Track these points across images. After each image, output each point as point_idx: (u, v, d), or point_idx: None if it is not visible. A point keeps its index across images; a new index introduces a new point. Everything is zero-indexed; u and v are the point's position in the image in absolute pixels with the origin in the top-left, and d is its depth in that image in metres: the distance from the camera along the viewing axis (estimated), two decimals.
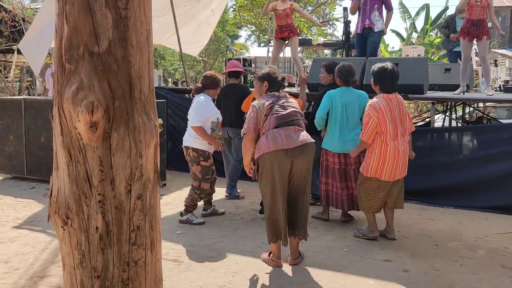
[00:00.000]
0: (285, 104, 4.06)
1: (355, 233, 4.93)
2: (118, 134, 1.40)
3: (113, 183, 1.40)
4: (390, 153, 4.55)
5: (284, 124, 3.94)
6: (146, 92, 1.45)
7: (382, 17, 7.74)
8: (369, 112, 4.52)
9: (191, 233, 4.93)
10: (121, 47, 1.37)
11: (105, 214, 1.41)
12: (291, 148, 3.84)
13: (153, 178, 1.51)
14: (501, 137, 6.17)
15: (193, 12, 11.91)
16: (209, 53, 27.01)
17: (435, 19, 26.94)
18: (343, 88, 5.15)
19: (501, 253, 4.52)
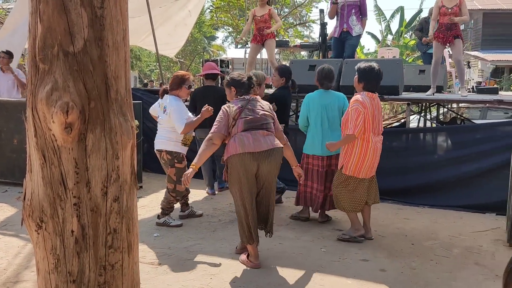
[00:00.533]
0: (255, 108, 4.10)
1: (340, 237, 4.86)
2: (94, 135, 1.37)
3: (88, 185, 1.37)
4: (371, 149, 4.59)
5: (252, 128, 4.00)
6: (122, 93, 1.42)
7: (360, 21, 7.80)
8: (357, 107, 4.48)
9: (168, 236, 4.89)
10: (97, 47, 1.34)
11: (80, 217, 1.37)
12: (258, 151, 3.91)
13: (130, 180, 1.48)
14: (474, 138, 6.29)
15: (169, 13, 11.85)
16: (186, 54, 26.89)
17: (409, 22, 27.33)
18: (321, 90, 5.17)
19: (475, 251, 4.59)
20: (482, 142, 6.18)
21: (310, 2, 21.70)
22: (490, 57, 22.83)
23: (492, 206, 5.92)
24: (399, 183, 6.35)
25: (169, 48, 13.65)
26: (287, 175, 5.35)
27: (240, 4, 18.98)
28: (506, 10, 24.96)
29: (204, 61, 10.46)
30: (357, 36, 7.81)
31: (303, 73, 7.06)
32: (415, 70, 8.72)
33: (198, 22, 24.13)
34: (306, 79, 6.84)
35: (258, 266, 4.10)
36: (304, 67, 7.24)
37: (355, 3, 7.71)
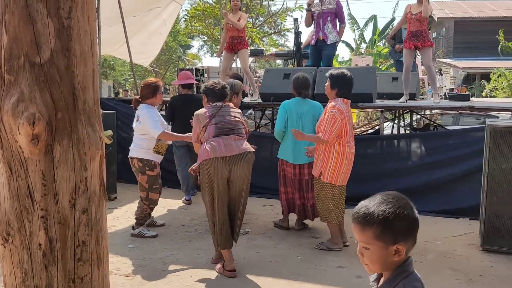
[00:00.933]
0: (226, 114, 4.19)
1: (317, 246, 4.85)
2: (61, 147, 1.34)
3: (56, 197, 1.34)
4: (347, 155, 4.63)
5: (224, 133, 4.10)
6: (90, 103, 1.40)
7: (336, 29, 7.83)
8: (334, 114, 4.50)
9: (143, 247, 4.83)
10: (64, 57, 1.32)
11: (48, 230, 1.34)
12: (229, 156, 3.99)
13: (98, 191, 1.45)
14: (447, 143, 6.39)
15: (143, 22, 11.79)
16: (161, 63, 26.77)
17: (382, 30, 27.75)
18: (298, 98, 5.20)
19: (450, 256, 4.66)
20: (455, 148, 6.28)
21: (284, 11, 21.85)
22: (461, 64, 23.30)
23: (466, 211, 6.01)
24: (374, 189, 6.24)
25: (143, 57, 13.58)
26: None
27: (215, 13, 19.01)
28: (476, 18, 25.53)
29: (179, 70, 10.42)
30: (332, 44, 7.81)
31: (278, 82, 7.10)
32: (388, 77, 8.84)
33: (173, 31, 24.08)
34: (281, 87, 6.89)
35: (234, 273, 4.09)
36: (279, 75, 7.28)
37: (330, 11, 7.72)
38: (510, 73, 15.46)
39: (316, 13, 7.77)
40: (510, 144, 4.66)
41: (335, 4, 7.74)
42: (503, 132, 4.68)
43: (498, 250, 4.72)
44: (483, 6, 26.98)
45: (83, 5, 1.37)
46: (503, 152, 4.68)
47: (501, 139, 4.69)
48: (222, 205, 4.06)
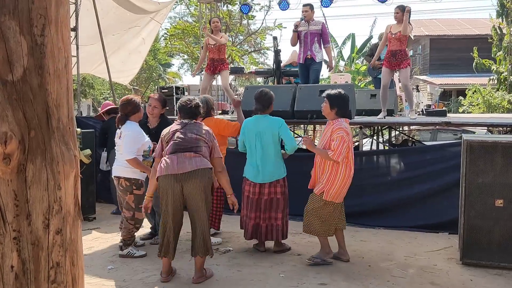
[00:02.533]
0: (189, 131, 4.26)
1: (310, 260, 4.84)
2: (34, 166, 1.32)
3: (29, 218, 1.31)
4: (351, 176, 4.79)
5: (180, 151, 4.16)
6: (64, 121, 1.38)
7: (322, 49, 8.17)
8: (342, 135, 4.59)
9: (123, 268, 4.75)
10: (37, 75, 1.30)
11: (21, 251, 1.31)
12: (181, 173, 4.07)
13: (73, 211, 1.42)
14: (425, 158, 6.45)
15: (123, 41, 11.79)
16: (141, 81, 26.70)
17: (360, 48, 28.15)
18: (258, 116, 5.13)
19: (430, 271, 4.68)
20: (433, 163, 6.34)
21: (264, 29, 22.07)
22: (438, 81, 23.74)
23: (445, 225, 6.06)
24: (355, 205, 6.41)
25: (123, 76, 13.55)
26: None
27: (195, 31, 19.07)
28: (451, 36, 26.12)
29: (159, 88, 10.40)
30: (320, 62, 8.16)
31: None
32: (366, 94, 8.94)
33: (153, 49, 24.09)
34: None
35: (165, 281, 4.32)
36: None
37: (317, 31, 8.08)
38: (484, 90, 15.80)
39: (303, 33, 8.04)
40: (485, 159, 4.73)
41: (321, 25, 8.13)
42: (479, 147, 4.76)
43: (477, 264, 4.76)
44: (457, 24, 27.66)
45: (56, 22, 1.36)
46: (479, 167, 4.75)
47: (477, 153, 4.76)
48: (172, 218, 4.18)
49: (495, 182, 4.70)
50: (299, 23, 8.04)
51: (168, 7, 12.89)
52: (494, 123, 6.78)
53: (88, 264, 4.84)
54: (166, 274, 4.35)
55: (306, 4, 8.24)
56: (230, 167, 4.78)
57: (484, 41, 18.00)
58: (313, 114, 6.72)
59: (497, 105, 14.63)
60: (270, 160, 5.04)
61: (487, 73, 17.61)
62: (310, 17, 8.07)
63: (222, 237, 5.76)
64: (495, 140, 4.78)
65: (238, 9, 17.21)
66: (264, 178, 5.02)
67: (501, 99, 14.69)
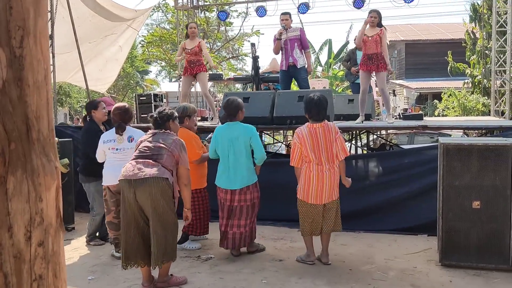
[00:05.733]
0: (154, 140, 4.29)
1: (296, 258, 5.13)
2: (15, 178, 1.30)
3: (10, 230, 1.29)
4: (314, 177, 4.80)
5: (141, 157, 4.19)
6: (45, 133, 1.37)
7: (303, 54, 8.26)
8: (294, 140, 4.85)
9: (103, 278, 4.70)
10: (16, 87, 1.28)
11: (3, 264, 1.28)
12: (133, 179, 4.06)
13: (55, 222, 1.40)
14: (403, 162, 6.53)
15: (99, 48, 11.70)
16: (118, 89, 26.50)
17: (337, 53, 28.41)
18: (230, 123, 5.17)
19: (410, 273, 4.73)
20: (410, 166, 6.42)
21: (241, 36, 22.12)
22: (414, 85, 24.06)
23: (423, 228, 6.11)
24: None
25: (100, 84, 13.44)
26: None
27: (172, 38, 19.03)
28: (426, 41, 26.51)
29: (137, 96, 10.33)
30: (302, 67, 8.24)
31: None
32: (344, 99, 9.02)
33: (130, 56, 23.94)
34: None
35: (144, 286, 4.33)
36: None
37: (296, 37, 8.16)
38: (459, 93, 16.09)
39: (283, 40, 8.07)
40: (462, 161, 4.81)
41: (299, 31, 8.22)
42: (455, 149, 4.84)
43: (456, 265, 4.83)
44: (432, 29, 28.12)
45: (35, 34, 1.35)
46: (456, 169, 4.83)
47: (454, 156, 4.83)
48: (126, 226, 4.15)
49: (472, 184, 4.78)
50: (282, 31, 8.13)
51: (145, 14, 12.85)
52: (470, 126, 6.91)
53: (68, 275, 4.73)
54: (148, 283, 4.32)
55: (285, 12, 8.38)
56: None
57: (458, 45, 18.33)
58: (292, 120, 6.75)
59: (472, 108, 14.92)
60: (242, 167, 5.08)
61: (461, 76, 17.93)
62: (289, 25, 8.17)
63: (203, 244, 5.73)
64: (471, 143, 4.87)
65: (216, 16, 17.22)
66: (236, 184, 5.06)
67: (476, 102, 14.98)
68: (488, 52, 14.07)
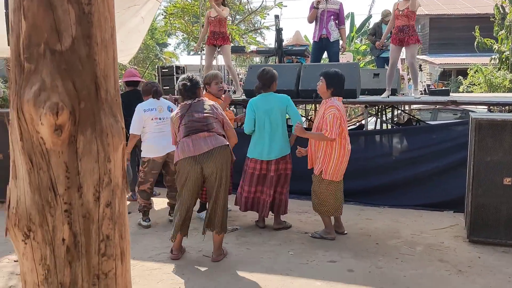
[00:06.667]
0: (194, 112, 4.25)
1: (312, 234, 5.05)
2: (84, 138, 1.29)
3: (80, 190, 1.28)
4: (346, 152, 4.81)
5: (192, 132, 4.17)
6: (112, 93, 1.35)
7: (338, 28, 8.11)
8: (335, 113, 4.66)
9: (132, 247, 4.63)
10: (85, 45, 1.26)
11: (72, 224, 1.28)
12: (198, 154, 4.10)
13: (121, 183, 1.40)
14: (431, 138, 6.45)
15: (122, 20, 11.62)
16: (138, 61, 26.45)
17: (359, 27, 27.90)
18: (264, 94, 5.11)
19: (437, 248, 4.71)
20: (438, 142, 6.34)
21: (263, 9, 21.83)
22: (438, 60, 23.63)
23: (450, 204, 6.08)
24: (360, 184, 6.44)
25: (122, 55, 13.38)
26: None
27: (195, 10, 18.85)
28: (451, 15, 25.92)
29: (160, 68, 10.30)
30: (335, 41, 8.10)
31: None
32: (369, 74, 8.85)
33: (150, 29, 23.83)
34: None
35: (176, 258, 4.38)
36: None
37: (335, 11, 8.02)
38: (486, 69, 15.73)
39: (320, 10, 7.95)
40: (494, 137, 4.73)
41: (339, 5, 8.07)
42: (488, 125, 4.75)
43: (484, 241, 4.79)
44: (457, 3, 27.41)
45: None
46: (488, 145, 4.75)
47: (486, 132, 4.75)
48: (188, 200, 4.23)
49: (503, 161, 4.71)
50: (320, 0, 7.97)
51: None
52: (501, 102, 6.76)
53: None
54: (177, 252, 4.38)
55: None
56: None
57: (485, 20, 17.84)
58: (318, 94, 6.68)
59: (498, 85, 14.59)
60: (278, 137, 5.06)
61: (488, 52, 17.50)
62: None
63: (229, 215, 5.72)
64: (504, 119, 4.77)
65: None
66: (272, 155, 5.04)
67: (503, 78, 14.64)
68: None
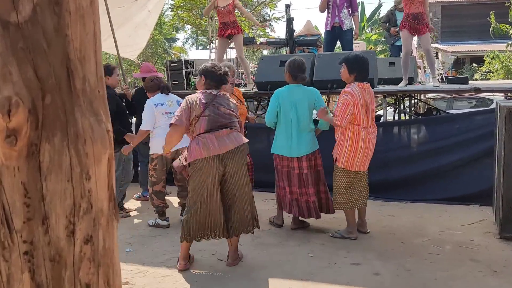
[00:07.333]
0: (220, 105, 3.85)
1: (332, 234, 4.74)
2: (52, 147, 0.86)
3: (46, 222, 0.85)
4: (362, 141, 4.47)
5: (216, 128, 3.79)
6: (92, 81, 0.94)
7: (350, 16, 7.79)
8: (346, 98, 4.40)
9: (142, 250, 4.49)
10: (52, 14, 0.85)
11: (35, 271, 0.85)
12: (224, 153, 3.76)
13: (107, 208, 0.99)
14: (453, 128, 6.13)
15: (129, 14, 11.35)
16: (147, 56, 26.14)
17: (369, 17, 27.52)
18: (291, 85, 4.75)
19: (467, 246, 4.40)
20: (461, 133, 6.03)
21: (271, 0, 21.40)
22: (451, 48, 23.13)
23: (475, 197, 5.81)
24: (379, 178, 6.10)
25: (130, 50, 13.13)
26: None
27: (203, 2, 18.49)
28: (462, 2, 25.38)
29: (168, 63, 10.01)
30: (349, 30, 7.77)
31: (275, 70, 6.75)
32: (385, 62, 8.50)
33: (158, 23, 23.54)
34: (277, 75, 6.52)
35: (185, 268, 3.97)
36: (275, 63, 6.92)
37: None
38: (503, 55, 15.22)
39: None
40: None
41: None
42: None
43: None
44: None
45: None
46: None
47: None
48: (207, 201, 3.81)
49: None
50: None
51: None
52: None
53: None
54: (184, 261, 4.02)
55: None
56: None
57: (498, 6, 17.31)
58: (334, 84, 6.39)
59: None
60: (305, 132, 4.71)
61: (503, 39, 16.97)
62: None
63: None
64: None
65: None
66: (301, 151, 4.68)
67: None
68: None
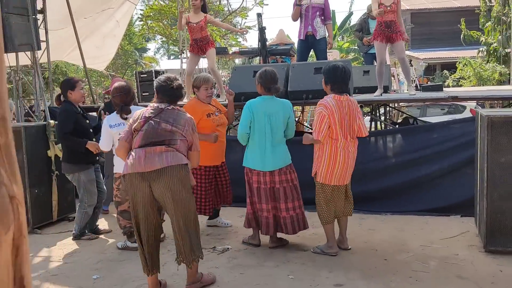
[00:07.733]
0: (163, 120, 3.57)
1: (313, 249, 4.57)
2: None
3: None
4: (340, 155, 4.29)
5: (149, 144, 3.51)
6: None
7: (324, 24, 7.65)
8: (321, 111, 4.24)
9: (110, 276, 4.18)
10: None
11: None
12: (148, 171, 3.46)
13: None
14: (432, 137, 6.01)
15: (96, 24, 11.05)
16: (117, 67, 25.70)
17: (341, 25, 27.67)
18: (265, 97, 4.55)
19: (452, 262, 4.23)
20: (440, 142, 5.92)
21: (243, 9, 21.27)
22: (422, 55, 23.42)
23: (456, 208, 5.70)
24: (358, 190, 5.85)
25: (98, 62, 12.83)
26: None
27: (172, 11, 18.23)
28: (432, 9, 25.75)
29: (138, 74, 9.73)
30: (322, 39, 7.62)
31: (248, 80, 6.53)
32: (359, 71, 8.41)
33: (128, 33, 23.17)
34: (251, 86, 6.27)
35: None
36: (249, 73, 6.70)
37: (319, 6, 7.53)
38: (475, 62, 15.41)
39: (304, 6, 7.48)
40: (509, 136, 4.27)
41: (324, 0, 7.56)
42: (502, 122, 4.30)
43: (503, 251, 4.33)
44: None
45: None
46: (502, 145, 4.29)
47: (500, 130, 4.29)
48: (144, 224, 3.57)
49: None
50: None
51: None
52: (505, 96, 6.32)
53: (69, 274, 4.27)
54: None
55: None
56: None
57: (467, 13, 17.63)
58: (309, 94, 6.20)
59: (488, 78, 14.28)
60: (280, 145, 4.53)
61: (473, 45, 17.23)
62: None
63: (218, 233, 5.23)
64: None
65: None
66: (276, 164, 4.49)
67: (492, 71, 14.33)
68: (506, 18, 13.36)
